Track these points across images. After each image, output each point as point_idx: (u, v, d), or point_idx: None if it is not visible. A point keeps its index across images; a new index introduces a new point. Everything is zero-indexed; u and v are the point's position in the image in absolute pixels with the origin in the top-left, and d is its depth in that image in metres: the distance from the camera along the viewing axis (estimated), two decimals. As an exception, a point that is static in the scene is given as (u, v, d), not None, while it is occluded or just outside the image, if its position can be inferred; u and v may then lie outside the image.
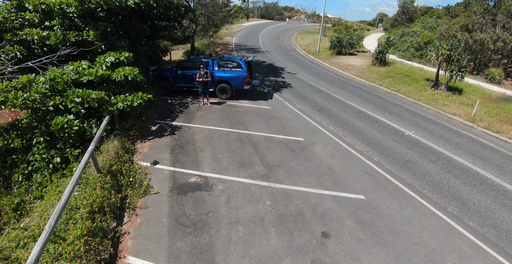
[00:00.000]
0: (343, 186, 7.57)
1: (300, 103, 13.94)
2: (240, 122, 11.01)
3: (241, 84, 12.94)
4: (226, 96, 13.27)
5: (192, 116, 11.38)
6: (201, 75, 11.77)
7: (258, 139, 9.76)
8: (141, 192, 6.70)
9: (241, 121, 11.05)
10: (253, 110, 12.37)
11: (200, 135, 9.79)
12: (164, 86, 13.63)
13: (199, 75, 11.80)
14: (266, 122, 11.14)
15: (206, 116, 11.43)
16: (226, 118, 11.28)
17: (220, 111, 11.98)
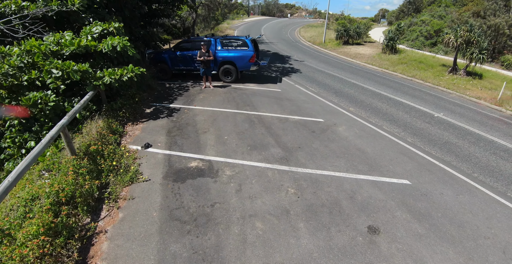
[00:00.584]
0: (381, 169, 5.94)
1: (313, 86, 12.31)
2: (248, 103, 9.38)
3: (247, 65, 11.32)
4: (231, 79, 11.64)
5: (193, 99, 9.76)
6: (202, 53, 10.17)
7: (271, 120, 8.12)
8: (127, 179, 5.09)
9: (249, 103, 9.43)
10: (261, 92, 10.74)
11: (203, 117, 8.17)
12: (162, 69, 12.02)
13: (200, 54, 10.19)
14: (278, 104, 9.51)
15: (209, 99, 9.80)
16: (231, 100, 9.65)
17: (224, 94, 10.36)
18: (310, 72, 14.98)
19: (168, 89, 10.83)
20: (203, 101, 9.53)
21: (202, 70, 10.49)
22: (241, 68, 11.45)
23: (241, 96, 10.14)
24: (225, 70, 11.48)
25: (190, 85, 11.35)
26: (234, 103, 9.38)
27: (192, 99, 9.69)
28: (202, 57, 10.13)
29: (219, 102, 9.38)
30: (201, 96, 10.00)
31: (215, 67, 11.46)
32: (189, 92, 10.53)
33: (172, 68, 11.89)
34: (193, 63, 11.54)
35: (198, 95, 10.11)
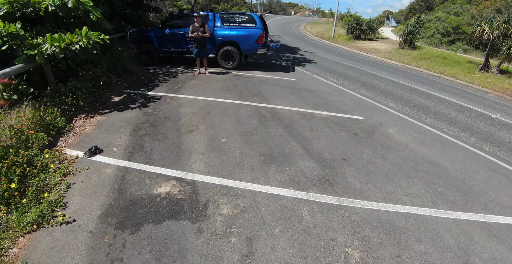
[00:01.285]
0: (482, 199, 3.40)
1: (334, 77, 9.72)
2: (255, 93, 6.78)
3: (254, 47, 8.69)
4: (232, 65, 9.00)
5: (181, 86, 7.14)
6: (195, 28, 7.55)
7: (290, 115, 5.53)
8: (29, 220, 2.48)
9: (256, 93, 6.82)
10: (272, 81, 8.12)
11: (191, 108, 5.57)
12: (147, 51, 9.34)
13: (193, 28, 7.58)
14: (296, 95, 6.93)
15: (203, 86, 7.17)
16: (233, 88, 7.04)
17: (223, 81, 7.73)
18: (326, 63, 12.38)
19: (151, 75, 8.17)
20: (194, 89, 6.90)
21: (196, 51, 7.85)
22: (246, 51, 8.82)
23: (245, 84, 7.52)
24: (225, 53, 8.84)
25: (181, 71, 8.70)
26: (237, 92, 6.77)
27: (180, 86, 7.05)
28: (195, 33, 7.50)
29: (215, 91, 6.76)
30: (193, 83, 7.37)
31: (212, 49, 8.83)
32: (177, 78, 7.88)
33: (159, 50, 9.22)
34: (185, 44, 8.89)
35: (188, 82, 7.47)
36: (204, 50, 7.91)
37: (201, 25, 7.58)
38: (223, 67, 9.06)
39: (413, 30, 19.17)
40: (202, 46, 7.78)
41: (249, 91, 6.88)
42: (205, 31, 7.65)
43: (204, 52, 7.95)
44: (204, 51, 7.91)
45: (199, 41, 7.66)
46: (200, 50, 7.82)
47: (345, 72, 10.84)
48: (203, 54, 7.96)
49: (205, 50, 7.94)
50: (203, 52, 7.94)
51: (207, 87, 7.05)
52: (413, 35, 19.21)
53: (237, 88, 7.00)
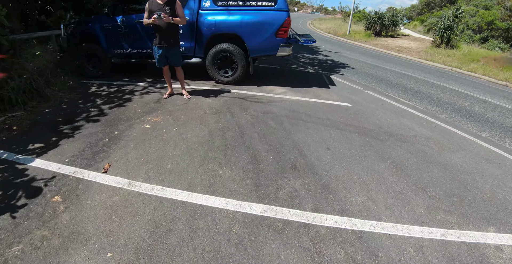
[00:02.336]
0: None
1: (399, 94, 5.78)
2: (290, 160, 2.80)
3: (271, 44, 4.64)
4: (233, 77, 4.94)
5: (119, 135, 3.09)
6: (155, 6, 3.48)
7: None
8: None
9: (293, 158, 2.84)
10: (309, 111, 4.07)
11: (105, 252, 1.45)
12: (90, 55, 5.26)
13: (151, 7, 3.52)
14: (383, 158, 2.96)
15: (166, 135, 3.10)
16: (236, 144, 3.00)
17: (214, 116, 3.66)
18: (365, 68, 8.31)
19: (82, 101, 4.14)
20: (142, 146, 2.84)
21: (159, 53, 3.80)
22: (257, 52, 4.75)
23: (261, 124, 3.47)
24: (219, 55, 4.77)
25: (141, 90, 4.63)
26: (245, 158, 2.73)
27: (116, 137, 3.01)
28: (154, 16, 3.42)
29: (193, 156, 2.72)
30: (148, 125, 3.30)
31: (197, 47, 4.77)
32: (125, 109, 3.83)
33: (109, 52, 5.16)
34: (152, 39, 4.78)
35: (141, 121, 3.43)
36: (175, 51, 3.86)
37: (166, 2, 3.51)
38: (216, 80, 4.99)
39: (451, 25, 15.10)
40: (171, 43, 3.71)
41: (274, 150, 2.86)
42: (176, 12, 3.58)
43: (175, 55, 3.90)
44: (174, 53, 3.86)
45: (163, 34, 3.62)
46: (167, 51, 3.77)
47: (402, 83, 6.81)
48: (173, 59, 3.91)
49: (176, 52, 3.90)
50: (174, 56, 3.89)
51: (174, 138, 3.00)
52: (452, 31, 15.14)
53: (246, 142, 2.96)
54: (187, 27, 4.57)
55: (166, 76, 4.13)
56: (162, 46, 3.73)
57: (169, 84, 4.25)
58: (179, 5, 3.64)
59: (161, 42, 3.70)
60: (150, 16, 3.55)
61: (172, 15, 3.58)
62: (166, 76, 4.13)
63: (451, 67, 11.82)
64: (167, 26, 3.61)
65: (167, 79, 4.18)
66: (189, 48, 4.77)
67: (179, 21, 3.63)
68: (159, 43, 3.72)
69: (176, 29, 3.78)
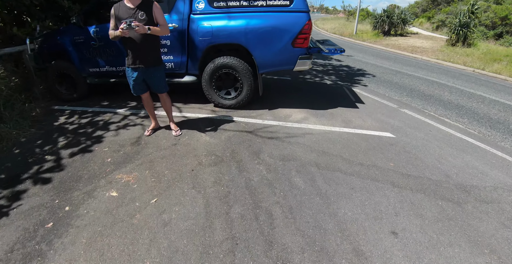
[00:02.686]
0: None
1: (452, 116, 4.52)
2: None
3: (286, 56, 3.48)
4: (237, 100, 3.78)
5: (62, 224, 1.94)
6: (123, 13, 2.32)
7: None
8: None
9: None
10: (346, 151, 2.90)
11: None
12: (62, 75, 4.16)
13: (118, 14, 2.34)
14: None
15: (133, 226, 1.99)
16: (250, 240, 1.83)
17: (210, 175, 2.46)
18: (386, 75, 7.14)
19: (43, 140, 3.01)
20: (98, 245, 1.71)
21: (134, 77, 2.64)
22: (267, 66, 3.59)
23: (283, 187, 2.32)
24: (219, 72, 3.62)
25: (119, 121, 3.48)
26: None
27: (59, 226, 1.84)
28: (123, 24, 2.26)
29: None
30: (112, 195, 2.16)
31: (190, 63, 3.63)
32: (90, 157, 2.67)
33: (83, 72, 4.06)
34: None
35: (102, 188, 2.27)
36: (157, 73, 2.72)
37: (139, 5, 2.36)
38: (216, 104, 3.83)
39: (468, 22, 13.86)
40: (150, 63, 2.57)
41: (313, 246, 1.75)
42: (154, 19, 2.44)
43: (158, 78, 2.76)
44: (156, 76, 2.72)
45: (137, 50, 2.47)
46: (145, 74, 2.62)
47: (436, 94, 5.65)
48: (155, 84, 2.77)
49: (158, 74, 2.76)
50: (156, 80, 2.76)
51: (150, 225, 1.90)
52: (468, 28, 13.90)
53: (264, 230, 1.84)
54: (176, 36, 3.44)
55: (147, 107, 2.99)
56: (138, 67, 2.60)
57: (152, 117, 3.11)
58: (157, 8, 2.50)
59: (136, 61, 2.57)
60: (118, 23, 2.43)
61: (148, 23, 2.45)
62: (147, 107, 2.99)
63: (473, 69, 10.64)
64: (142, 39, 2.48)
65: (149, 111, 3.04)
66: (179, 63, 3.64)
67: (158, 31, 2.49)
68: (133, 63, 2.59)
69: (156, 42, 2.65)
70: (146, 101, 2.94)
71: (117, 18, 2.46)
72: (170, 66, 3.69)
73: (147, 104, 2.97)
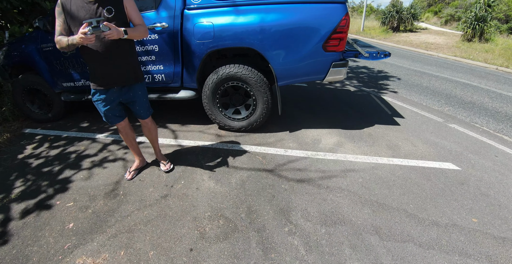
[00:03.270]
0: None
1: (507, 131, 3.52)
2: None
3: (315, 63, 2.56)
4: (246, 121, 2.86)
5: None
6: (80, 10, 1.41)
7: None
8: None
9: None
10: (408, 200, 2.03)
11: None
12: (33, 92, 3.33)
13: (69, 6, 1.42)
14: None
15: None
16: None
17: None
18: (411, 77, 6.24)
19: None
20: None
21: (102, 98, 1.77)
22: (289, 77, 2.70)
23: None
24: (225, 86, 2.71)
25: (95, 154, 2.63)
26: None
27: None
28: (86, 27, 1.38)
29: None
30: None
31: (186, 74, 2.75)
32: (46, 220, 1.84)
33: (55, 87, 3.20)
34: None
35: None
36: (138, 91, 1.82)
37: (101, 1, 1.46)
38: (222, 126, 2.93)
39: (484, 16, 12.85)
40: (131, 79, 1.68)
41: None
42: (128, 15, 1.52)
43: (139, 98, 1.87)
44: (136, 95, 1.83)
45: (109, 64, 1.56)
46: (120, 94, 1.73)
47: (477, 101, 4.78)
48: (135, 107, 1.88)
49: (140, 92, 1.85)
50: (136, 101, 1.85)
51: None
52: (485, 22, 12.91)
53: None
54: (166, 40, 2.57)
55: (127, 139, 2.13)
56: (110, 87, 1.73)
57: (136, 153, 2.24)
58: (130, 1, 1.62)
59: (107, 80, 1.71)
60: (75, 29, 1.56)
61: (120, 23, 1.58)
62: (127, 139, 2.13)
63: (496, 66, 9.68)
64: (112, 47, 1.61)
65: (130, 145, 2.18)
66: (171, 75, 2.77)
67: (137, 34, 1.63)
68: (104, 84, 1.72)
69: (133, 50, 1.78)
70: (125, 131, 2.07)
71: (69, 16, 1.59)
72: (160, 79, 2.83)
73: (127, 136, 2.10)
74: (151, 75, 2.84)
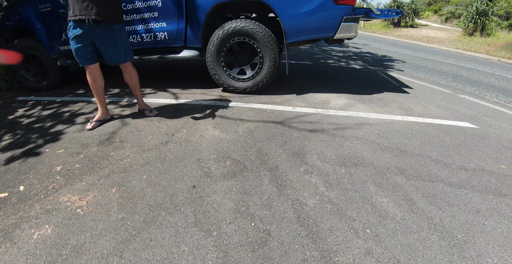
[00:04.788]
0: None
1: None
2: None
3: (326, 17, 2.36)
4: (252, 81, 2.67)
5: None
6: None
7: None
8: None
9: None
10: (434, 150, 1.83)
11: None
12: (28, 59, 3.11)
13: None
14: None
15: None
16: None
17: (229, 199, 1.39)
18: (416, 61, 6.08)
19: None
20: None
21: (79, 33, 1.60)
22: (299, 33, 2.51)
23: (378, 231, 1.18)
24: (230, 42, 2.51)
25: (90, 112, 2.41)
26: None
27: None
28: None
29: None
30: (48, 233, 1.04)
31: (188, 30, 2.54)
32: (34, 162, 1.60)
33: (52, 51, 3.01)
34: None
35: (32, 221, 1.16)
36: (116, 32, 1.62)
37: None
38: (225, 87, 2.72)
39: (486, 10, 12.75)
40: (108, 15, 1.48)
41: None
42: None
43: (117, 41, 1.68)
44: (118, 37, 1.63)
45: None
46: (96, 33, 1.54)
47: (484, 81, 4.66)
48: (115, 49, 1.72)
49: (118, 34, 1.66)
50: (117, 43, 1.67)
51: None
52: (487, 16, 12.81)
53: None
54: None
55: (95, 87, 1.94)
56: (88, 17, 1.54)
57: (100, 103, 2.05)
58: None
59: (85, 11, 1.52)
60: None
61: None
62: (95, 87, 1.94)
63: (499, 58, 9.53)
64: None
65: (97, 94, 1.99)
66: (175, 33, 2.58)
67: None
68: (80, 14, 1.53)
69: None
70: (94, 77, 1.88)
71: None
72: (163, 38, 2.63)
73: (95, 82, 1.91)
74: (153, 34, 2.65)
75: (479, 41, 12.20)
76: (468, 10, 13.28)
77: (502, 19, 17.96)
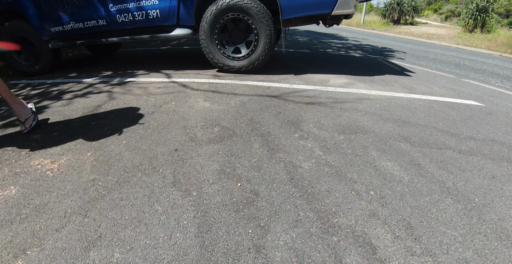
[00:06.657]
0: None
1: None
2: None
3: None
4: (247, 59, 2.51)
5: None
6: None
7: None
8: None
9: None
10: (439, 121, 1.65)
11: None
12: (19, 40, 2.97)
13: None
14: None
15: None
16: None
17: (218, 164, 1.23)
18: (416, 52, 5.93)
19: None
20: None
21: None
22: (295, 9, 2.37)
23: (383, 191, 1.02)
24: (224, 19, 2.36)
25: (78, 90, 2.30)
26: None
27: None
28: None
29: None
30: (12, 193, 0.87)
31: (181, 7, 2.41)
32: (11, 132, 1.43)
33: (44, 33, 2.88)
34: (111, 5, 2.47)
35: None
36: None
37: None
38: (220, 66, 2.58)
39: (486, 7, 12.55)
40: None
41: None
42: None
43: None
44: None
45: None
46: None
47: (487, 69, 4.45)
48: None
49: None
50: None
51: None
52: (487, 13, 12.61)
53: None
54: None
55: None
56: None
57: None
58: None
59: None
60: None
61: None
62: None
63: (500, 53, 9.33)
64: None
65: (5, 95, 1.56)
66: (167, 11, 2.44)
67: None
68: None
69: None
70: None
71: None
72: (155, 16, 2.50)
73: None
74: (145, 12, 2.52)
75: (480, 37, 12.03)
76: (468, 7, 13.09)
77: (502, 17, 17.77)
